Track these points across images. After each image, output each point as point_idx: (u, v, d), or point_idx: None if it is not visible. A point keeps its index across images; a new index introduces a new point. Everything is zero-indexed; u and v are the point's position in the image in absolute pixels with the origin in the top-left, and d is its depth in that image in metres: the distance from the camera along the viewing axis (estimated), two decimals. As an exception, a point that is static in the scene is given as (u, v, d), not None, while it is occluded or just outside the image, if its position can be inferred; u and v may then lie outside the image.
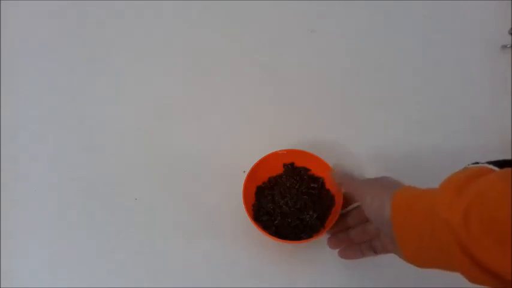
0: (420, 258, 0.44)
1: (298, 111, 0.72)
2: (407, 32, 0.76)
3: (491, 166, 0.43)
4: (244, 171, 0.65)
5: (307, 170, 0.64)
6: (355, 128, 0.71)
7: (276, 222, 0.60)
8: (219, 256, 0.61)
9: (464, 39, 0.75)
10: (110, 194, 0.66)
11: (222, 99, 0.73)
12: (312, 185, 0.63)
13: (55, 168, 0.68)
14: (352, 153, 0.68)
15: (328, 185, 0.63)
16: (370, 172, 0.66)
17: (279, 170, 0.65)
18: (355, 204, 0.58)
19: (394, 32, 0.76)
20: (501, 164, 0.43)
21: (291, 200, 0.62)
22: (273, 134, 0.70)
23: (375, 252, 0.54)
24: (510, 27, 0.73)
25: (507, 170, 0.38)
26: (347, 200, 0.59)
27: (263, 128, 0.71)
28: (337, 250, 0.58)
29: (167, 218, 0.64)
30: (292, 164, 0.65)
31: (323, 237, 0.59)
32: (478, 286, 0.39)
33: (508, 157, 0.67)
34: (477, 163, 0.45)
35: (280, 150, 0.64)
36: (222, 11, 0.79)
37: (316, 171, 0.64)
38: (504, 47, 0.73)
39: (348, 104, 0.73)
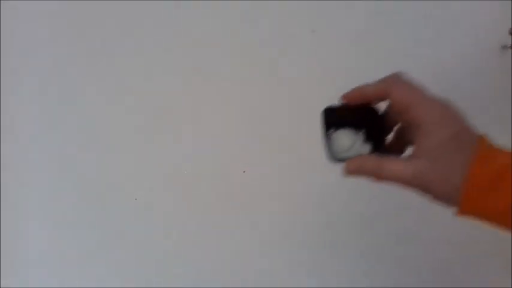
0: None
1: (298, 111, 0.72)
2: (408, 32, 0.76)
3: None
4: (244, 171, 0.66)
5: None
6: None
7: None
8: (219, 256, 0.62)
9: (464, 39, 0.75)
10: (110, 194, 0.66)
11: (222, 99, 0.73)
12: None
13: (55, 168, 0.68)
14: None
15: None
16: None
17: None
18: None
19: (394, 31, 0.76)
20: None
21: None
22: (273, 134, 0.70)
23: None
24: (510, 27, 0.73)
25: None
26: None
27: (263, 128, 0.71)
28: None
29: (167, 218, 0.64)
30: None
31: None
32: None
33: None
34: None
35: None
36: (222, 11, 0.79)
37: None
38: (504, 47, 0.73)
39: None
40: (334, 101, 0.74)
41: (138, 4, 0.79)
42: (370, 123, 0.48)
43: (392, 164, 0.43)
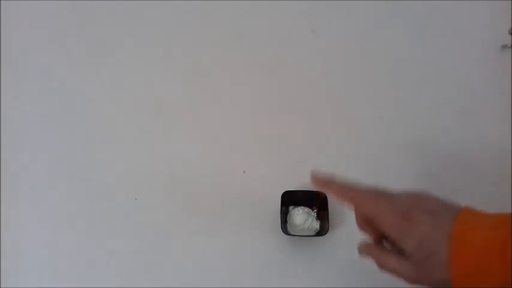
0: None
1: (298, 111, 0.72)
2: (408, 32, 0.76)
3: None
4: (244, 171, 0.66)
5: None
6: (354, 127, 0.71)
7: None
8: (219, 256, 0.62)
9: (464, 39, 0.75)
10: (110, 194, 0.66)
11: (222, 99, 0.73)
12: None
13: (55, 168, 0.68)
14: (350, 153, 0.68)
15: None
16: (370, 174, 0.66)
17: None
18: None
19: (394, 32, 0.76)
20: None
21: None
22: (273, 134, 0.70)
23: None
24: (510, 27, 0.73)
25: None
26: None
27: (263, 128, 0.71)
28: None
29: (167, 218, 0.64)
30: None
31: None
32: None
33: (507, 157, 0.67)
34: None
35: None
36: (222, 11, 0.79)
37: None
38: (504, 47, 0.73)
39: (348, 105, 0.73)
40: (334, 99, 0.75)
41: (138, 4, 0.79)
42: (319, 204, 0.62)
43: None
